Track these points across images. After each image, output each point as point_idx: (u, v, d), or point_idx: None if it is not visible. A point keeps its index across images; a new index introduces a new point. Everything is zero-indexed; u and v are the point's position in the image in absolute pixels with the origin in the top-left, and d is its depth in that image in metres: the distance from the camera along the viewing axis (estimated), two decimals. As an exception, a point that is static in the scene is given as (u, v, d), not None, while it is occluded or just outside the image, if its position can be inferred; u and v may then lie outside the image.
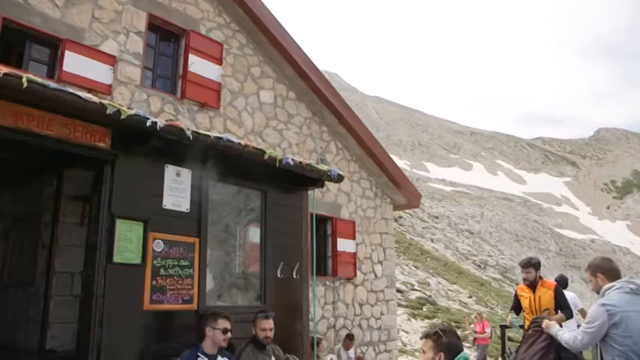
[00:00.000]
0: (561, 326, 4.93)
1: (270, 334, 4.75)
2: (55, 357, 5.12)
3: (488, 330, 14.13)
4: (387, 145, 70.73)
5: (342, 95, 10.65)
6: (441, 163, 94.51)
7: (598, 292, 3.77)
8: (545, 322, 4.84)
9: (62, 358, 4.98)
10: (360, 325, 10.01)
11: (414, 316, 19.20)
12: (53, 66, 6.56)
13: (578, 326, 4.96)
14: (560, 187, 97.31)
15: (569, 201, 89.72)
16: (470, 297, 26.45)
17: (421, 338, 3.02)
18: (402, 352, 13.73)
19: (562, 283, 7.35)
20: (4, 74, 3.39)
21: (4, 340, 6.52)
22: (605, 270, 3.78)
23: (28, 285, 6.27)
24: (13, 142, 4.02)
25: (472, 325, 14.52)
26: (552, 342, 5.04)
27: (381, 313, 10.57)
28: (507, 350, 8.10)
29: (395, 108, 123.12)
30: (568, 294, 6.65)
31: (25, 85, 3.46)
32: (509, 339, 9.46)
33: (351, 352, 8.60)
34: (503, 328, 8.46)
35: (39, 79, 3.64)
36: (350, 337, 8.70)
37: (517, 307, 6.22)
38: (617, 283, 3.63)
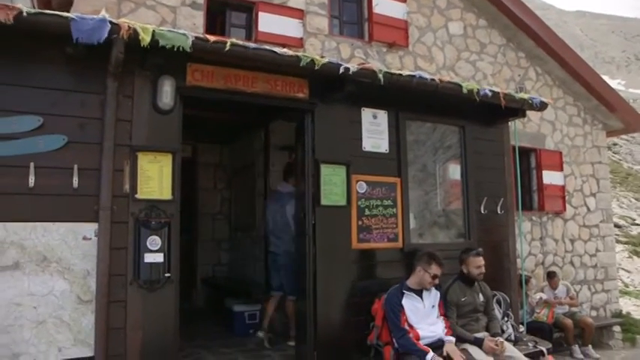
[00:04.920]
0: None
1: (484, 270, 4.70)
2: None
3: None
4: (594, 64, 62.65)
5: (538, 15, 9.66)
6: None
7: None
8: None
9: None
10: (571, 263, 9.34)
11: (637, 253, 17.23)
12: (250, 28, 7.04)
13: None
14: None
15: None
16: None
17: None
18: (624, 293, 12.35)
19: None
20: (213, 42, 3.78)
21: (238, 275, 7.55)
22: None
23: (250, 228, 7.09)
24: (226, 102, 4.47)
25: None
26: None
27: (596, 250, 9.71)
28: None
29: (603, 21, 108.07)
30: None
31: (228, 48, 3.80)
32: None
33: (560, 291, 7.88)
34: None
35: (240, 42, 3.97)
36: (551, 275, 8.01)
37: None
38: None
